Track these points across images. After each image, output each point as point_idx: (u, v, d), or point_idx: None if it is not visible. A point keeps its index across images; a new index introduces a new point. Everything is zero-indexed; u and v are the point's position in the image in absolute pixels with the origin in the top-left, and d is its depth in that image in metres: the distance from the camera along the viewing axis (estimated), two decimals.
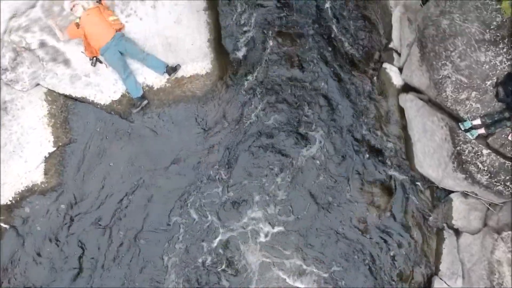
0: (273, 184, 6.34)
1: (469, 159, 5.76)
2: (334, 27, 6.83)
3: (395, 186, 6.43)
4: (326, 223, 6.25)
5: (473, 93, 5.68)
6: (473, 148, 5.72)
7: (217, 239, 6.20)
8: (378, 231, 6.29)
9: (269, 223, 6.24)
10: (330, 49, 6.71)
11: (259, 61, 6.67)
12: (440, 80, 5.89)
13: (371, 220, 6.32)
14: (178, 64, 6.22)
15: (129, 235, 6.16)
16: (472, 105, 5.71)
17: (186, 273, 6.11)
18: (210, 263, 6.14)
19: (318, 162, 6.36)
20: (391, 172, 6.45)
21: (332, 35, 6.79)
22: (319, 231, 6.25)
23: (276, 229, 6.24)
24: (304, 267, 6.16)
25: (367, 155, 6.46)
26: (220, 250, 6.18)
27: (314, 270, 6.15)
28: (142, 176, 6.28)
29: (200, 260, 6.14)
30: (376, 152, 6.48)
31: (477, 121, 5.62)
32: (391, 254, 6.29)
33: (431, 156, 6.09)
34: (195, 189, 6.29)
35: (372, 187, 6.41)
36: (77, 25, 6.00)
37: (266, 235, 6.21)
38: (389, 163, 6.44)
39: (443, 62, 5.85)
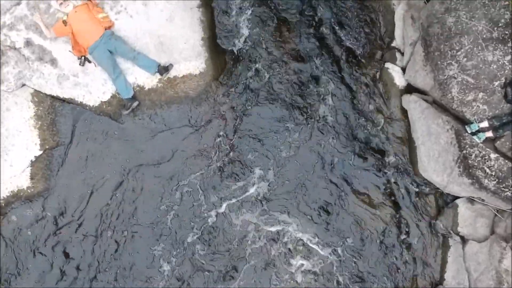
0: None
1: (476, 164, 5.50)
2: (334, 26, 6.53)
3: (398, 191, 6.14)
4: (326, 235, 5.97)
5: (480, 94, 5.42)
6: (480, 152, 5.46)
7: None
8: (379, 238, 6.00)
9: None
10: (330, 49, 6.42)
11: (256, 61, 6.38)
12: (445, 81, 5.63)
13: (372, 226, 6.03)
14: (170, 64, 5.94)
15: (117, 237, 5.89)
16: (479, 106, 5.45)
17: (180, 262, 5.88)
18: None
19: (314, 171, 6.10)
20: (394, 177, 6.16)
21: (333, 34, 6.49)
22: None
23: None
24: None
25: (368, 159, 6.16)
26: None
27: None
28: (132, 179, 6.00)
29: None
30: (378, 156, 6.19)
31: (485, 124, 5.38)
32: (393, 261, 5.99)
33: (435, 160, 5.81)
34: (186, 192, 6.02)
35: (373, 193, 6.12)
36: (65, 22, 5.72)
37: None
38: (391, 167, 6.16)
39: (448, 61, 5.59)
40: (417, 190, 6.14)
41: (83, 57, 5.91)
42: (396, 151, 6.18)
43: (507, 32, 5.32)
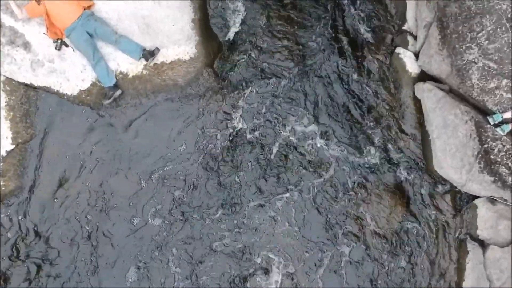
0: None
1: (498, 159, 4.92)
2: (338, 5, 5.92)
3: (409, 190, 5.53)
4: (325, 238, 5.38)
5: (504, 81, 4.86)
6: (503, 146, 4.89)
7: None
8: (391, 241, 5.40)
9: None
10: (333, 32, 5.82)
11: (253, 45, 5.77)
12: (464, 66, 5.06)
13: (383, 228, 5.42)
14: (157, 48, 5.33)
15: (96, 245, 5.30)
16: (502, 95, 4.89)
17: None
18: None
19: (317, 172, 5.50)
20: (405, 174, 5.55)
21: (336, 15, 5.89)
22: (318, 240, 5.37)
23: None
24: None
25: (376, 154, 5.55)
26: None
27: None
28: (115, 177, 5.39)
29: None
30: (388, 151, 5.58)
31: (509, 114, 4.88)
32: (404, 267, 5.39)
33: (452, 155, 5.21)
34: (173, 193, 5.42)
35: (383, 191, 5.52)
36: (38, 1, 5.11)
37: None
38: (403, 163, 5.55)
39: (468, 45, 5.02)
40: (431, 188, 5.52)
41: (59, 41, 5.30)
42: (408, 146, 5.57)
43: None
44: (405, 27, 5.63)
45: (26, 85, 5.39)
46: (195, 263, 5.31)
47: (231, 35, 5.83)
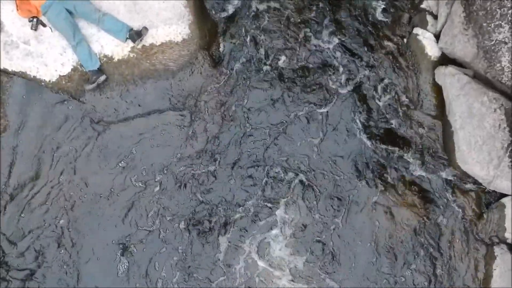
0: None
1: None
2: None
3: (429, 187, 4.95)
4: (341, 241, 4.79)
5: None
6: None
7: None
8: (409, 243, 4.81)
9: None
10: (341, 9, 5.21)
11: (254, 25, 5.17)
12: (492, 48, 4.46)
13: (397, 230, 4.83)
14: (144, 27, 4.74)
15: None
16: None
17: None
18: None
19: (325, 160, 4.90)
20: (425, 169, 4.96)
21: None
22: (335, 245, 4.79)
23: None
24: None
25: (393, 147, 4.97)
26: None
27: None
28: (98, 178, 4.80)
29: None
30: (405, 143, 4.99)
31: None
32: (424, 274, 4.80)
33: (479, 148, 4.62)
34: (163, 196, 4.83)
35: (399, 188, 4.93)
36: None
37: None
38: (422, 157, 4.96)
39: (497, 23, 4.43)
40: (453, 185, 4.93)
41: (35, 19, 4.70)
42: (427, 137, 4.98)
43: None
44: (423, 5, 5.03)
45: None
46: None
47: (228, 12, 5.20)
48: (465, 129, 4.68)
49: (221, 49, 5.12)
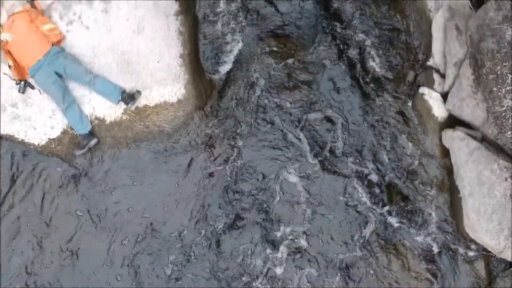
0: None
1: None
2: (350, 36, 5.10)
3: (435, 253, 4.73)
4: None
5: None
6: None
7: None
8: None
9: None
10: (345, 67, 5.00)
11: (251, 83, 4.95)
12: (503, 114, 4.24)
13: None
14: (137, 91, 4.52)
15: None
16: None
17: None
18: None
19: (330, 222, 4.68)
20: (430, 233, 4.73)
21: (348, 47, 5.07)
22: None
23: None
24: None
25: (397, 210, 4.75)
26: None
27: None
28: (87, 240, 4.57)
29: None
30: (410, 207, 4.77)
31: None
32: None
33: (488, 217, 4.40)
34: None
35: (403, 253, 4.71)
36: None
37: None
38: (428, 222, 4.73)
39: (508, 88, 4.20)
40: (461, 251, 4.71)
41: (22, 82, 4.50)
42: (433, 202, 4.75)
43: None
44: (430, 63, 4.80)
45: None
46: None
47: (225, 71, 4.98)
48: (474, 196, 4.47)
49: (219, 109, 4.88)
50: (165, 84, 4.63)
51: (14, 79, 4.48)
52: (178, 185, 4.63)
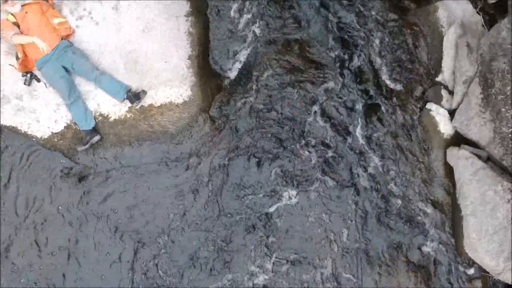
0: None
1: None
2: (361, 45, 5.06)
3: (433, 269, 4.68)
4: None
5: None
6: None
7: None
8: None
9: None
10: (353, 77, 4.95)
11: (258, 88, 4.91)
12: (510, 135, 4.20)
13: None
14: (143, 91, 4.49)
15: None
16: None
17: None
18: None
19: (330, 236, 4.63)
20: (429, 250, 4.69)
21: (359, 57, 5.03)
22: None
23: None
24: None
25: (396, 227, 4.70)
26: None
27: None
28: (85, 240, 4.54)
29: None
30: (410, 222, 4.73)
31: None
32: None
33: (489, 238, 4.36)
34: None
35: (401, 270, 4.67)
36: (16, 23, 4.34)
37: None
38: (427, 238, 4.69)
39: None
40: (459, 270, 4.66)
41: (29, 74, 4.48)
42: (434, 219, 4.71)
43: None
44: (439, 79, 4.77)
45: None
46: None
47: (233, 74, 4.95)
48: (476, 216, 4.42)
49: (224, 113, 4.84)
50: (171, 85, 4.61)
51: (19, 71, 4.45)
52: (177, 186, 4.60)
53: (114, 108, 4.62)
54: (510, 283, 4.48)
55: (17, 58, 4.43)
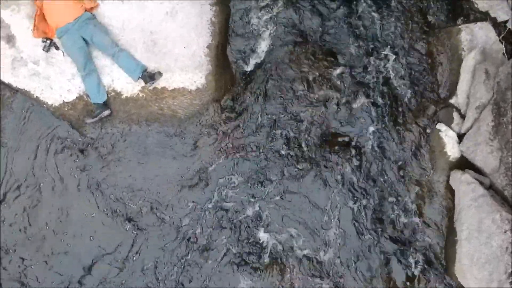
0: None
1: None
2: (379, 57, 5.07)
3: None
4: None
5: None
6: None
7: None
8: None
9: None
10: (366, 88, 4.96)
11: (272, 85, 4.93)
12: None
13: None
14: (158, 72, 4.53)
15: None
16: None
17: None
18: None
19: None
20: (420, 269, 4.69)
21: (375, 69, 5.03)
22: None
23: None
24: None
25: (390, 243, 4.71)
26: None
27: None
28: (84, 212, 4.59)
29: None
30: (402, 240, 4.73)
31: None
32: None
33: (481, 266, 4.35)
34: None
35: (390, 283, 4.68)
36: None
37: None
38: (419, 259, 4.69)
39: None
40: None
41: (49, 41, 4.52)
42: (428, 240, 4.71)
43: None
44: (452, 101, 4.76)
45: (3, 83, 4.63)
46: None
47: (250, 67, 4.97)
48: (470, 242, 4.42)
49: (236, 105, 4.86)
50: (187, 70, 4.64)
51: (34, 36, 4.49)
52: (181, 170, 4.62)
53: (128, 86, 4.65)
54: None
55: (34, 25, 4.47)
